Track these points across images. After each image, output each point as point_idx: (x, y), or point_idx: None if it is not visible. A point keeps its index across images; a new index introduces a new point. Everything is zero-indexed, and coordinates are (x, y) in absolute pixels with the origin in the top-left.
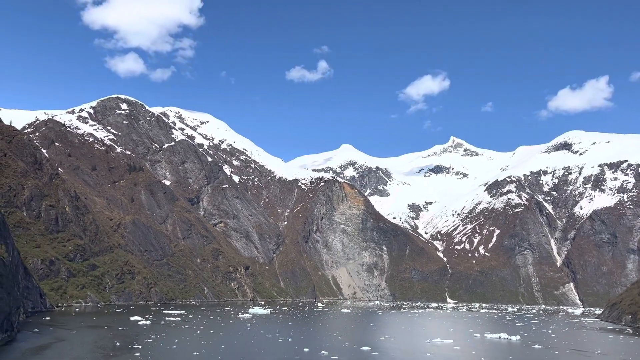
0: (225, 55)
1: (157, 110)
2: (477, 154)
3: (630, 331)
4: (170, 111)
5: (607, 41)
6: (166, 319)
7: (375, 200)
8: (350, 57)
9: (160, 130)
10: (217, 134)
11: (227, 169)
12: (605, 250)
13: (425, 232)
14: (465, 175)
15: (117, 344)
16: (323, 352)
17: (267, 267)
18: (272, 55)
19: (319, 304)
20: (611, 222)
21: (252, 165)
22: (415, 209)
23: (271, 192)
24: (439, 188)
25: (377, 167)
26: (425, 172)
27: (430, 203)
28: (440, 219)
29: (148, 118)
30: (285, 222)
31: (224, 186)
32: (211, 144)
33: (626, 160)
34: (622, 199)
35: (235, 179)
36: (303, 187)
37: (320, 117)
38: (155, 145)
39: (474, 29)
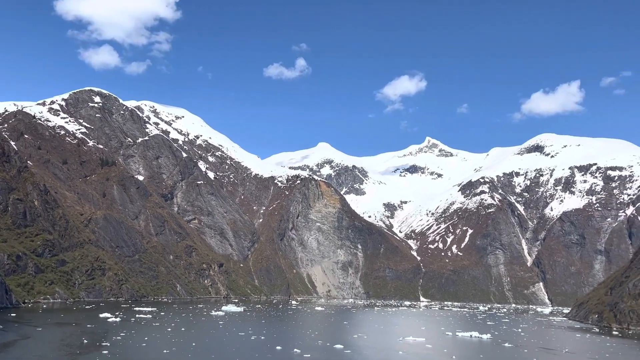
0: (202, 50)
1: (131, 104)
2: (451, 155)
3: (597, 330)
4: (145, 105)
5: (579, 47)
6: (137, 316)
7: (351, 198)
8: (329, 56)
9: (134, 124)
10: (192, 130)
11: (202, 165)
12: (574, 251)
13: (400, 231)
14: (439, 175)
15: (85, 341)
16: (296, 350)
17: (242, 265)
18: (250, 51)
19: (293, 302)
20: (580, 224)
21: (227, 161)
22: (391, 208)
23: (247, 189)
24: (414, 188)
25: (353, 166)
26: (400, 172)
27: (405, 202)
28: (415, 218)
29: (122, 112)
30: (261, 220)
31: (199, 182)
32: (186, 139)
33: (595, 164)
34: (590, 201)
35: (211, 175)
36: (279, 184)
37: (297, 115)
38: (129, 139)
39: (451, 31)
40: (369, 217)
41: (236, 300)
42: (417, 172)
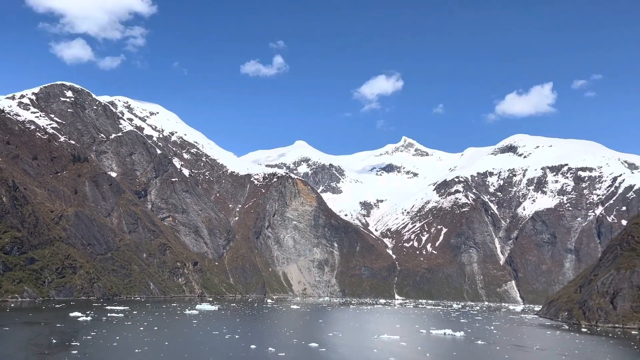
0: (178, 45)
1: (104, 99)
2: (427, 154)
3: (567, 327)
4: (119, 101)
5: (552, 50)
6: (108, 315)
7: (327, 197)
8: (306, 54)
9: (107, 120)
10: (167, 126)
11: (177, 162)
12: (545, 250)
13: (376, 230)
14: (415, 174)
15: (54, 341)
16: (270, 349)
17: (217, 263)
18: (227, 48)
19: (269, 300)
20: (551, 223)
21: (203, 158)
22: (367, 206)
23: (222, 186)
24: (390, 186)
25: (330, 165)
26: (377, 171)
27: (382, 201)
28: (391, 216)
29: (95, 107)
30: (237, 218)
31: (173, 179)
32: (161, 135)
33: (566, 164)
34: (562, 200)
35: (185, 172)
36: (255, 182)
37: (274, 113)
38: (102, 135)
39: (428, 32)
40: (346, 215)
41: (211, 299)
42: (393, 171)
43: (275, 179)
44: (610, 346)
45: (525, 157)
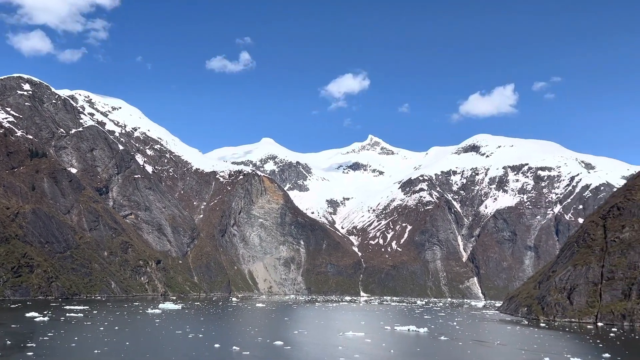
0: (142, 39)
1: (64, 93)
2: (393, 153)
3: (526, 322)
4: (79, 95)
5: (514, 52)
6: (67, 315)
7: (294, 194)
8: (274, 50)
9: (67, 114)
10: (130, 121)
11: (139, 158)
12: (506, 247)
13: (342, 227)
14: (381, 172)
15: (8, 342)
16: (234, 347)
17: (181, 261)
18: (193, 43)
19: (234, 299)
20: (512, 221)
21: (167, 155)
22: (333, 204)
23: (187, 183)
24: (356, 184)
25: (297, 162)
26: (343, 169)
27: (348, 199)
28: (357, 214)
29: (54, 101)
30: (201, 215)
31: (136, 176)
32: (123, 131)
33: (527, 164)
34: (522, 199)
35: (149, 169)
36: (221, 179)
37: (241, 109)
38: (61, 130)
39: (394, 32)
40: (312, 213)
41: (174, 298)
42: (360, 169)
43: (241, 177)
44: (567, 340)
45: (487, 156)
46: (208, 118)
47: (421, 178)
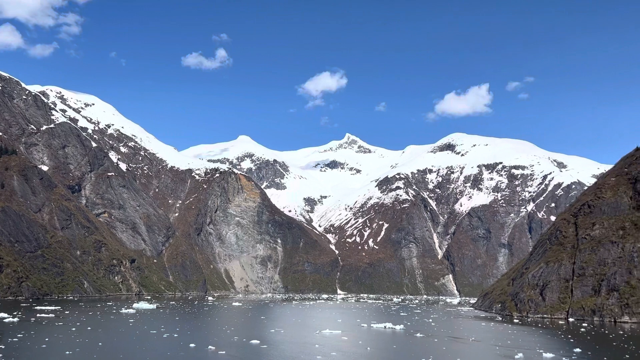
0: (116, 35)
1: (35, 88)
2: (370, 151)
3: (500, 319)
4: (51, 91)
5: (489, 52)
6: (38, 315)
7: (271, 193)
8: (251, 48)
9: (38, 110)
10: (103, 118)
11: (113, 156)
12: (481, 244)
13: (319, 226)
14: (358, 171)
15: None
16: (210, 347)
17: (155, 260)
18: (168, 39)
19: (210, 298)
20: (486, 219)
21: (141, 152)
22: (311, 202)
23: (162, 181)
24: (333, 182)
25: (274, 160)
26: (321, 167)
27: (325, 197)
28: (334, 212)
29: (24, 97)
30: (177, 214)
31: (110, 174)
32: (96, 128)
33: (501, 162)
34: (496, 197)
35: (123, 166)
36: (197, 177)
37: (217, 107)
38: (32, 126)
39: (372, 31)
40: (289, 211)
41: (149, 297)
42: (337, 168)
43: (217, 174)
44: (540, 336)
45: (462, 155)
46: (184, 115)
47: (398, 176)
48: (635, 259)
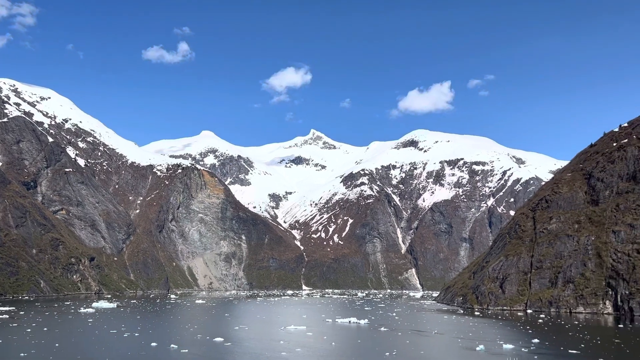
0: (73, 26)
1: None
2: (335, 147)
3: (462, 311)
4: (4, 83)
5: (451, 50)
6: None
7: (236, 189)
8: (214, 42)
9: None
10: (60, 112)
11: (71, 151)
12: (443, 239)
13: (285, 222)
14: (323, 167)
15: None
16: (172, 345)
17: (116, 258)
18: (128, 31)
19: (172, 296)
20: (448, 214)
21: (100, 148)
22: (276, 198)
23: (122, 177)
24: (298, 178)
25: (238, 156)
26: (286, 163)
27: (290, 193)
28: (299, 208)
29: None
30: (138, 211)
31: (67, 170)
32: (53, 122)
33: (462, 158)
34: (457, 192)
35: (81, 162)
36: (159, 173)
37: (179, 101)
38: None
39: (336, 27)
40: (254, 207)
41: (109, 296)
42: (302, 164)
43: (179, 170)
44: (500, 327)
45: (425, 151)
46: (145, 110)
47: (362, 172)
48: (589, 251)
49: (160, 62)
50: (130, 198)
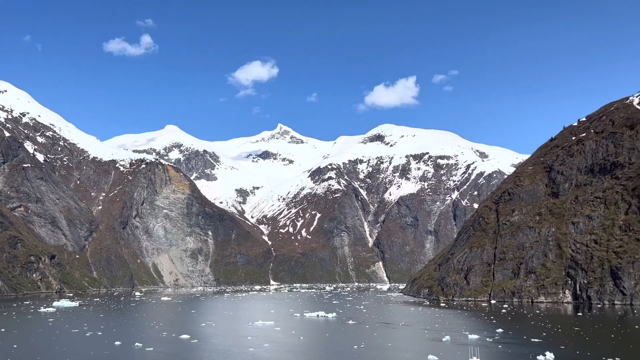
0: (30, 17)
1: None
2: (302, 142)
3: (428, 303)
4: None
5: (416, 45)
6: None
7: (202, 184)
8: (178, 34)
9: None
10: (17, 106)
11: (29, 146)
12: (409, 232)
13: (252, 217)
14: (291, 161)
15: None
16: (137, 344)
17: (78, 256)
18: (88, 23)
19: (137, 293)
20: (414, 207)
21: (60, 142)
22: (243, 193)
23: (84, 173)
24: (266, 173)
25: (204, 151)
26: (253, 157)
27: (258, 188)
28: (267, 203)
29: None
30: (100, 207)
31: (25, 165)
32: (10, 116)
33: (427, 153)
34: (423, 186)
35: (40, 157)
36: (122, 168)
37: (142, 95)
38: None
39: (303, 21)
40: (221, 203)
41: (71, 295)
42: (269, 158)
43: (143, 165)
44: (465, 318)
45: (391, 145)
46: (106, 103)
47: (329, 167)
48: (550, 242)
49: (123, 54)
50: (92, 194)
